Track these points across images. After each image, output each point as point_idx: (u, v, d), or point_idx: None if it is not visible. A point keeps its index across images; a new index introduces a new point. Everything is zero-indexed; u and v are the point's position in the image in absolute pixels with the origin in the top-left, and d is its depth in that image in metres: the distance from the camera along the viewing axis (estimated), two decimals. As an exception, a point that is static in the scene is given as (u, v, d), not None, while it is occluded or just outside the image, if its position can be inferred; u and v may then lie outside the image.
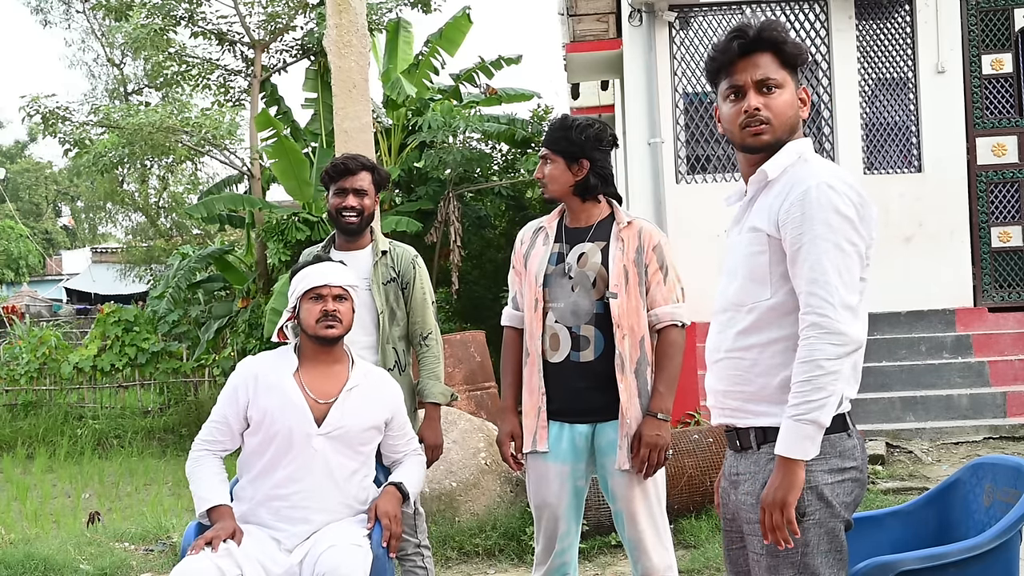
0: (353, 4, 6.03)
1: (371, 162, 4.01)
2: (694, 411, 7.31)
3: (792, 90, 2.46)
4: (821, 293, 2.26)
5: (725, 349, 2.47)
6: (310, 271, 3.42)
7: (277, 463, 3.30)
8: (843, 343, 2.24)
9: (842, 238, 2.28)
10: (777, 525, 2.28)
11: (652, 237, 3.36)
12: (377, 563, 3.20)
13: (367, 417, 3.38)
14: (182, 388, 15.43)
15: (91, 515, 7.94)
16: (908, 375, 7.53)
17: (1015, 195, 8.29)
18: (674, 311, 3.35)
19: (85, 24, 29.24)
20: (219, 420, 3.37)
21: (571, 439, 3.34)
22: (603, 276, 3.30)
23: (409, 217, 11.98)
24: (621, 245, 3.32)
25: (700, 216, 7.86)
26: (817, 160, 2.43)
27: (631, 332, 3.28)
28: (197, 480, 3.32)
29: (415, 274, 3.99)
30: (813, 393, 2.23)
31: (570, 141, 3.34)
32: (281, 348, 3.48)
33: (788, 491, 2.27)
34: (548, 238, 3.44)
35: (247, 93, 15.41)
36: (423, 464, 3.62)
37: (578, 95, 12.54)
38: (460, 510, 5.65)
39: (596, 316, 3.30)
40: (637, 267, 3.31)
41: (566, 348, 3.32)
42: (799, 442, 2.25)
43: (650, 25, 8.13)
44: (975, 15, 8.26)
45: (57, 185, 40.72)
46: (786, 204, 2.35)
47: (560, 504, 3.36)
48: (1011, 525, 2.66)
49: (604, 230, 3.37)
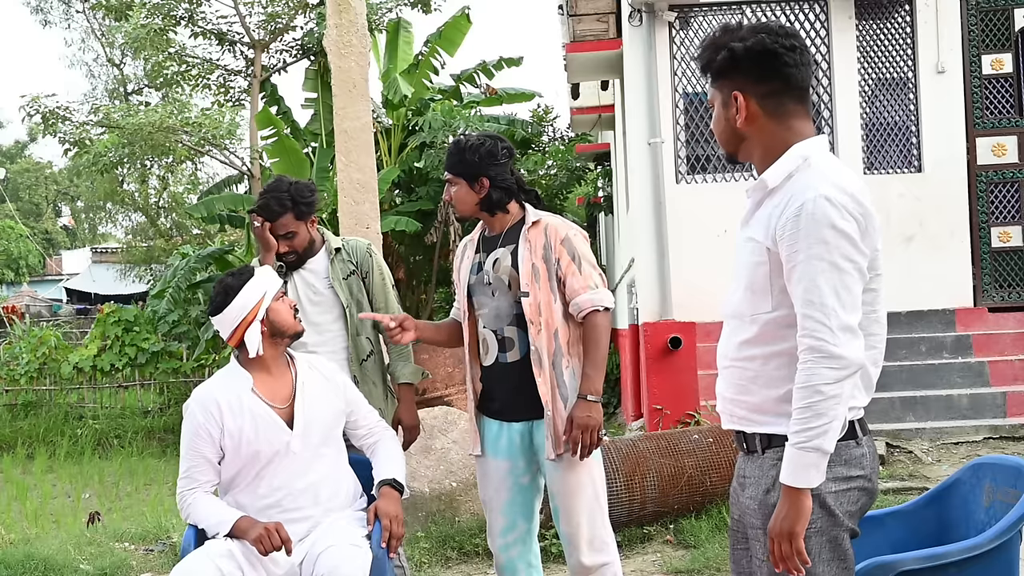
0: (353, 4, 6.03)
1: (288, 199, 3.89)
2: (694, 411, 7.31)
3: (719, 103, 2.38)
4: (817, 316, 2.18)
5: (731, 357, 2.43)
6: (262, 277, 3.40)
7: (261, 477, 3.31)
8: (842, 367, 2.17)
9: (838, 256, 2.19)
10: (786, 555, 2.23)
11: (558, 231, 3.45)
12: (376, 563, 3.20)
13: (327, 403, 3.43)
14: (182, 388, 15.43)
15: (91, 515, 7.95)
16: (908, 375, 7.52)
17: (1015, 195, 8.29)
18: (593, 297, 3.41)
19: (85, 24, 29.28)
20: (195, 461, 3.31)
21: (509, 437, 3.48)
22: (514, 277, 3.43)
23: (409, 217, 11.99)
24: (528, 245, 3.44)
25: (700, 216, 7.86)
26: (822, 164, 2.30)
27: (545, 326, 3.39)
28: (202, 513, 3.29)
29: (372, 263, 4.06)
30: (814, 420, 2.17)
31: (465, 163, 3.47)
32: (226, 368, 3.44)
33: (795, 521, 2.21)
34: (472, 249, 3.60)
35: (247, 93, 15.43)
36: (398, 442, 3.64)
37: (578, 95, 12.53)
38: (460, 510, 5.65)
39: (516, 316, 3.43)
40: (546, 263, 3.41)
41: (494, 351, 3.48)
42: (803, 471, 2.19)
43: (650, 25, 8.12)
44: (975, 15, 8.25)
45: (57, 185, 40.73)
46: (782, 219, 2.26)
47: (499, 500, 3.50)
48: (1011, 525, 2.66)
49: (514, 234, 3.50)
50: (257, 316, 3.35)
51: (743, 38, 2.32)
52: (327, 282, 3.96)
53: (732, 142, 2.41)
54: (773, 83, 2.32)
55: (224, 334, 3.40)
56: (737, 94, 2.33)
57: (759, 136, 2.36)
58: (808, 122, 2.37)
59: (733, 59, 2.33)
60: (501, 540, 3.52)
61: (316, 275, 3.97)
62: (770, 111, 2.33)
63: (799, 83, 2.33)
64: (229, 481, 3.36)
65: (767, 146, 2.35)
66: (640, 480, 5.50)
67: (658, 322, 7.84)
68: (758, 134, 2.36)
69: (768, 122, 2.34)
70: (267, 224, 3.88)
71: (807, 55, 2.35)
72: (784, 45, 2.30)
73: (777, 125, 2.34)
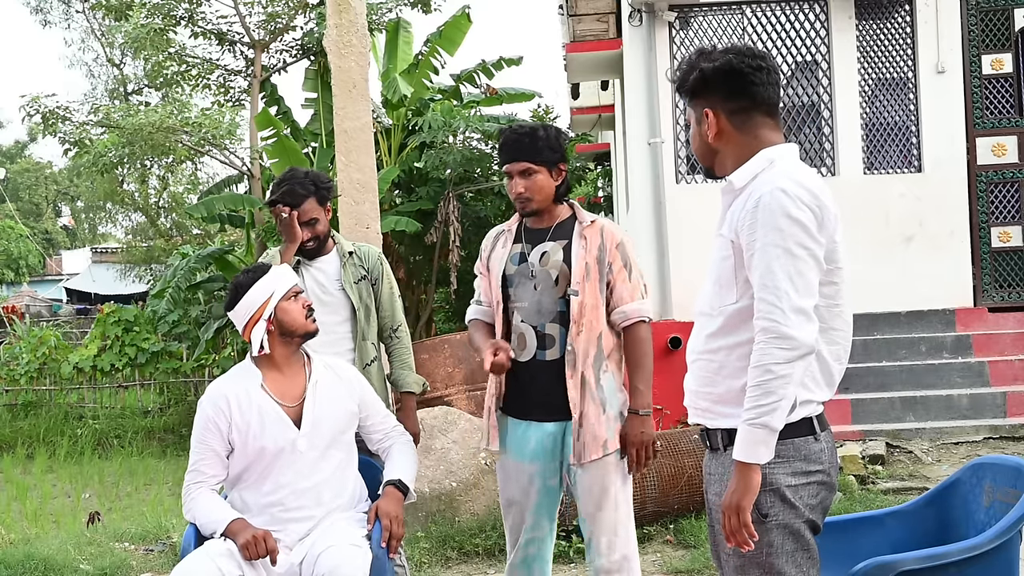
0: (353, 4, 6.03)
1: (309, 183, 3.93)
2: (694, 411, 7.31)
3: (694, 120, 2.53)
4: (770, 298, 2.28)
5: (698, 351, 2.52)
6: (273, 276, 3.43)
7: (266, 474, 3.32)
8: (793, 347, 2.26)
9: (792, 243, 2.29)
10: (735, 528, 2.32)
11: (615, 235, 3.40)
12: (376, 563, 3.20)
13: (339, 406, 3.42)
14: (182, 388, 15.43)
15: (91, 515, 7.94)
16: (908, 375, 7.52)
17: (1015, 195, 8.29)
18: (640, 307, 3.39)
19: (85, 24, 29.27)
20: (204, 454, 3.34)
21: (539, 438, 3.38)
22: (565, 273, 3.35)
23: (409, 217, 11.98)
24: (584, 243, 3.37)
25: (700, 216, 7.81)
26: (785, 164, 2.43)
27: (588, 328, 3.32)
28: (200, 510, 3.31)
29: (382, 271, 4.08)
30: (764, 398, 2.26)
31: (550, 150, 3.37)
32: (239, 365, 3.48)
33: (743, 495, 2.30)
34: (508, 240, 3.48)
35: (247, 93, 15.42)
36: (412, 448, 3.64)
37: (578, 95, 12.55)
38: (460, 510, 5.65)
39: (560, 314, 3.34)
40: (599, 265, 3.35)
41: (532, 347, 3.36)
42: (752, 447, 2.28)
43: (650, 25, 8.13)
44: (975, 15, 8.26)
45: (57, 185, 40.73)
46: (743, 212, 2.38)
47: (528, 502, 3.41)
48: (1011, 525, 2.66)
49: (566, 229, 3.41)
50: (263, 315, 3.37)
51: (713, 59, 2.47)
52: (338, 283, 3.97)
53: (707, 156, 2.56)
54: (741, 100, 2.47)
55: (239, 330, 3.46)
56: (708, 111, 2.49)
57: (730, 149, 2.50)
58: (777, 133, 2.51)
59: (704, 79, 2.48)
60: (525, 536, 3.43)
61: (327, 276, 3.98)
62: (738, 126, 2.48)
63: (766, 100, 2.48)
64: (236, 477, 3.37)
65: (737, 156, 2.49)
66: (640, 480, 5.50)
67: (658, 322, 7.85)
68: (729, 147, 2.50)
69: (737, 135, 2.49)
70: (295, 212, 3.87)
71: (774, 75, 2.50)
72: (751, 66, 2.45)
73: (746, 138, 2.49)
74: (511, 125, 3.57)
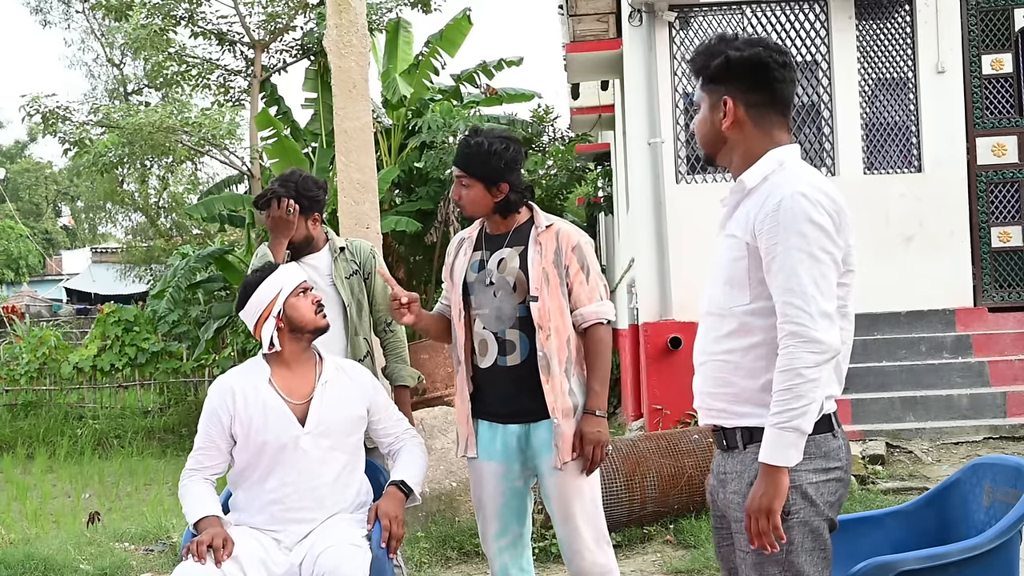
0: (353, 4, 6.02)
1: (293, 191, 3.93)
2: (694, 411, 7.31)
3: (707, 106, 2.52)
4: (797, 303, 2.30)
5: (709, 352, 2.52)
6: (283, 273, 3.45)
7: (269, 471, 3.32)
8: (821, 351, 2.28)
9: (815, 247, 2.32)
10: (763, 531, 2.33)
11: (571, 238, 3.39)
12: (376, 563, 3.20)
13: (347, 408, 3.42)
14: (182, 388, 15.45)
15: (91, 515, 7.95)
16: (908, 375, 7.52)
17: (1015, 195, 8.29)
18: (598, 309, 3.38)
19: (85, 24, 29.29)
20: (206, 445, 3.36)
21: (504, 440, 3.40)
22: (522, 280, 3.35)
23: (409, 217, 11.99)
24: (539, 248, 3.36)
25: (700, 216, 7.83)
26: (797, 167, 2.45)
27: (556, 333, 3.32)
28: (186, 498, 3.34)
29: (375, 264, 4.08)
30: (794, 401, 2.28)
31: (488, 166, 3.34)
32: (250, 360, 3.50)
33: (773, 498, 2.31)
34: (469, 248, 3.50)
35: (247, 93, 15.44)
36: (422, 451, 3.63)
37: (578, 95, 12.53)
38: (460, 510, 5.65)
39: (519, 320, 3.34)
40: (557, 268, 3.35)
41: (493, 353, 3.38)
42: (782, 450, 2.29)
43: (650, 25, 8.13)
44: (975, 15, 8.25)
45: (57, 185, 40.72)
46: (761, 214, 2.39)
47: (494, 504, 3.43)
48: (1011, 525, 2.66)
49: (522, 235, 3.41)
50: (272, 312, 3.38)
51: (739, 48, 2.46)
52: (329, 279, 3.98)
53: (714, 144, 2.55)
54: (762, 94, 2.47)
55: (250, 329, 3.47)
56: (727, 99, 2.48)
57: (741, 141, 2.50)
58: (787, 134, 2.52)
59: (728, 66, 2.47)
60: (495, 544, 3.47)
61: (318, 272, 3.98)
62: (755, 119, 2.48)
63: (784, 98, 2.49)
64: (239, 473, 3.37)
65: (747, 151, 2.50)
66: (640, 480, 5.50)
67: (658, 322, 7.85)
68: (741, 139, 2.50)
69: (752, 129, 2.49)
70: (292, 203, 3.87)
71: (795, 73, 2.51)
72: (777, 61, 2.46)
73: (759, 133, 2.49)
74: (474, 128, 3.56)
